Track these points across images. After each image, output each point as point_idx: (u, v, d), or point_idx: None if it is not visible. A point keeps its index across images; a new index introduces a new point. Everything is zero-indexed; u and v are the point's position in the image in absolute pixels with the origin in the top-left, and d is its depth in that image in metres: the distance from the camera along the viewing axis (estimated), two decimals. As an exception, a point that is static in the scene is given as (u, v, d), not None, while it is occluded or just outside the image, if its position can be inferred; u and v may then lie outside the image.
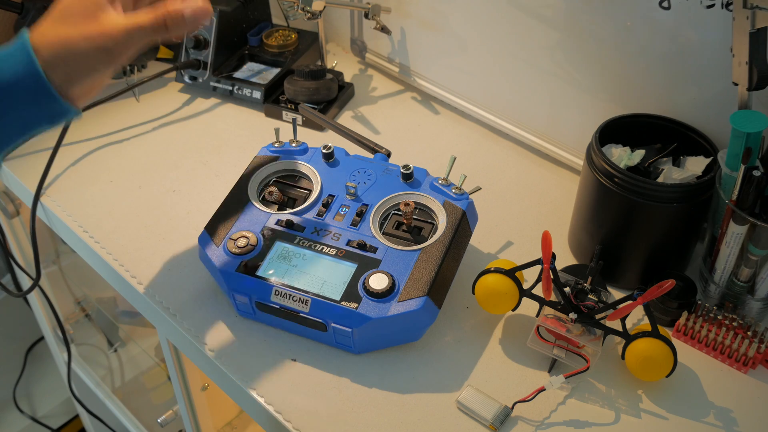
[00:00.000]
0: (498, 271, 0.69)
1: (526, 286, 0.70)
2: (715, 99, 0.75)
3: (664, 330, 0.66)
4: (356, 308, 0.66)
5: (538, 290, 0.70)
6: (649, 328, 0.65)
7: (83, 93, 0.62)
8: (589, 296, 0.69)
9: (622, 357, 0.66)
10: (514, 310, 0.71)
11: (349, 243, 0.71)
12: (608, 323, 0.67)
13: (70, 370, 1.33)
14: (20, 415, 1.81)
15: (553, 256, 0.66)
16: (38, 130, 0.61)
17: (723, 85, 0.72)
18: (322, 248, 0.71)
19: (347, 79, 1.09)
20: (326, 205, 0.75)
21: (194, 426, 1.03)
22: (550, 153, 0.93)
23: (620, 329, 0.66)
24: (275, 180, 0.79)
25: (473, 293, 0.71)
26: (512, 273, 0.69)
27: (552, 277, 0.67)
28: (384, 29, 1.01)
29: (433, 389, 0.67)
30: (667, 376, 0.65)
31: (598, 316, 0.67)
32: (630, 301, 0.64)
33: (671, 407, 0.66)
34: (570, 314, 0.67)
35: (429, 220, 0.74)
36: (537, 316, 0.69)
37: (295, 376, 0.68)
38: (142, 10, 0.60)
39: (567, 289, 0.67)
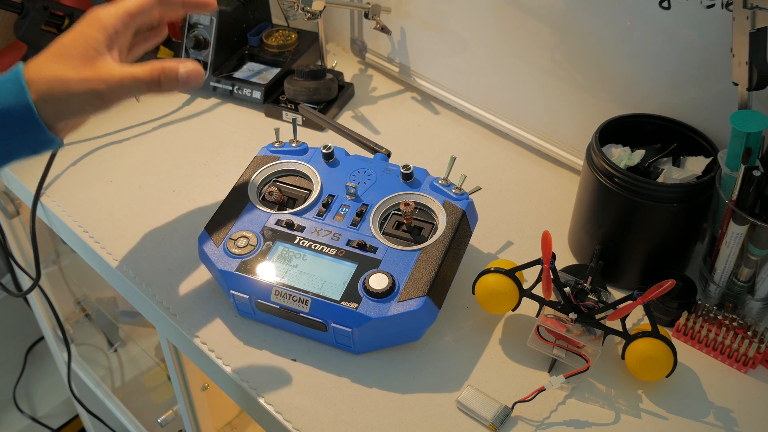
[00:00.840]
0: (498, 271, 0.69)
1: (526, 286, 0.70)
2: (715, 99, 0.75)
3: (664, 330, 0.66)
4: (356, 308, 0.66)
5: (538, 290, 0.70)
6: (649, 328, 0.65)
7: (69, 127, 0.64)
8: (589, 296, 0.69)
9: (622, 357, 0.66)
10: (514, 310, 0.71)
11: (349, 243, 0.71)
12: (608, 323, 0.67)
13: (70, 370, 1.33)
14: (20, 415, 1.81)
15: (553, 256, 0.66)
16: (20, 157, 0.62)
17: (723, 85, 0.72)
18: (322, 248, 0.71)
19: (347, 79, 1.09)
20: (326, 205, 0.75)
21: (194, 426, 1.03)
22: (550, 153, 0.93)
23: (620, 329, 0.66)
24: (275, 180, 0.79)
25: (473, 293, 0.71)
26: (512, 273, 0.69)
27: (552, 277, 0.67)
28: (384, 29, 1.01)
29: (433, 389, 0.67)
30: (667, 376, 0.65)
31: (598, 316, 0.67)
32: (630, 301, 0.64)
33: (671, 407, 0.66)
34: (570, 314, 0.67)
35: (429, 220, 0.74)
36: (537, 316, 0.69)
37: (295, 376, 0.68)
38: (139, 64, 0.62)
39: (567, 289, 0.67)
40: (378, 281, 0.67)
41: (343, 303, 0.67)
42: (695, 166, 0.73)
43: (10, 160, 0.62)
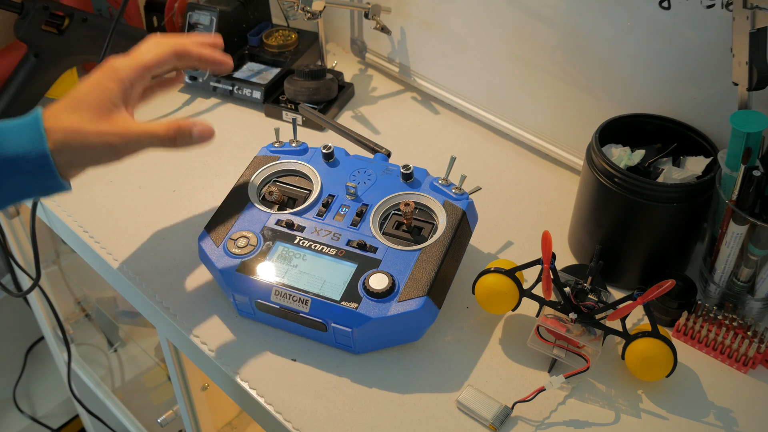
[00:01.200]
0: (498, 271, 0.69)
1: (526, 286, 0.70)
2: (715, 99, 0.75)
3: (664, 330, 0.66)
4: (356, 308, 0.66)
5: (538, 290, 0.70)
6: (649, 328, 0.65)
7: (79, 173, 0.65)
8: (589, 296, 0.69)
9: (622, 357, 0.66)
10: (514, 310, 0.71)
11: (349, 243, 0.71)
12: (608, 323, 0.67)
13: (70, 370, 1.33)
14: (20, 415, 1.81)
15: (553, 256, 0.66)
16: (28, 198, 0.64)
17: (723, 85, 0.72)
18: (322, 248, 0.71)
19: (347, 79, 1.09)
20: (326, 205, 0.75)
21: (194, 426, 1.03)
22: (550, 153, 0.93)
23: (620, 329, 0.66)
24: (275, 180, 0.79)
25: (473, 293, 0.71)
26: (512, 273, 0.69)
27: (552, 277, 0.67)
28: (384, 29, 1.01)
29: (433, 389, 0.67)
30: (667, 376, 0.65)
31: (598, 316, 0.67)
32: (630, 301, 0.64)
33: (671, 407, 0.66)
34: (570, 314, 0.67)
35: (429, 220, 0.74)
36: (537, 316, 0.69)
37: (295, 376, 0.68)
38: (156, 122, 0.65)
39: (567, 289, 0.67)
40: (378, 281, 0.67)
41: (343, 303, 0.67)
42: (695, 166, 0.73)
43: (18, 200, 0.64)
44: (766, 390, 0.68)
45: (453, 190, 0.75)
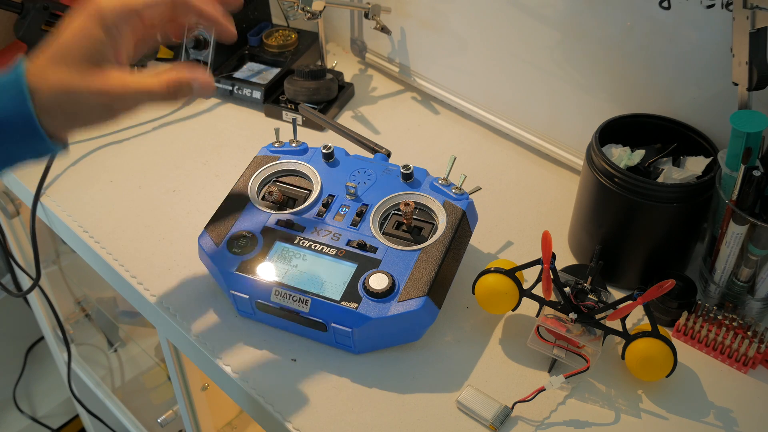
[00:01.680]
0: (498, 271, 0.69)
1: (526, 286, 0.70)
2: (715, 99, 0.75)
3: (664, 330, 0.66)
4: (356, 308, 0.66)
5: (538, 290, 0.70)
6: (649, 328, 0.65)
7: (73, 133, 0.59)
8: (589, 296, 0.69)
9: (622, 357, 0.66)
10: (514, 310, 0.71)
11: (349, 243, 0.71)
12: (608, 323, 0.67)
13: (70, 370, 1.33)
14: (20, 415, 1.81)
15: (553, 256, 0.66)
16: (23, 161, 0.58)
17: (723, 85, 0.72)
18: (322, 248, 0.71)
19: (347, 79, 1.09)
20: (326, 205, 0.75)
21: (194, 426, 1.03)
22: (550, 153, 0.93)
23: (620, 329, 0.66)
24: (275, 180, 0.79)
25: (473, 293, 0.71)
26: (512, 273, 0.69)
27: (552, 277, 0.67)
28: (384, 29, 1.01)
29: (433, 389, 0.67)
30: (667, 376, 0.65)
31: (598, 316, 0.67)
32: (630, 301, 0.64)
33: (671, 407, 0.66)
34: (570, 314, 0.67)
35: (429, 220, 0.74)
36: (537, 316, 0.69)
37: (295, 376, 0.68)
38: (151, 74, 0.58)
39: (567, 289, 0.67)
40: (378, 281, 0.67)
41: (343, 303, 0.67)
42: (695, 166, 0.73)
43: (11, 164, 0.58)
44: (766, 390, 0.68)
45: (453, 190, 0.75)
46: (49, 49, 0.56)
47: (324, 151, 0.79)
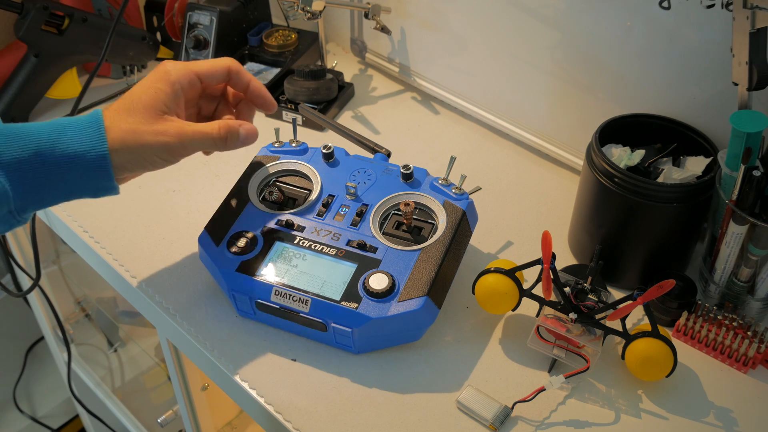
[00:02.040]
0: (498, 271, 0.69)
1: (526, 286, 0.70)
2: (715, 99, 0.75)
3: (664, 330, 0.66)
4: (356, 308, 0.66)
5: (538, 290, 0.70)
6: (649, 328, 0.65)
7: (130, 178, 0.68)
8: (589, 296, 0.69)
9: (622, 357, 0.66)
10: (514, 310, 0.71)
11: (349, 243, 0.71)
12: (608, 323, 0.67)
13: (70, 370, 1.33)
14: (20, 415, 1.81)
15: (553, 256, 0.66)
16: (79, 197, 0.65)
17: (723, 85, 0.72)
18: (322, 248, 0.71)
19: (347, 79, 1.09)
20: (326, 205, 0.75)
21: (194, 426, 1.03)
22: (550, 153, 0.93)
23: (620, 329, 0.66)
24: (275, 180, 0.79)
25: (473, 293, 0.71)
26: (512, 273, 0.69)
27: (552, 277, 0.67)
28: (384, 29, 1.01)
29: (433, 389, 0.67)
30: (667, 376, 0.65)
31: (598, 316, 0.67)
32: (630, 301, 0.64)
33: (671, 407, 0.66)
34: (570, 314, 0.67)
35: (429, 220, 0.74)
36: (537, 316, 0.69)
37: (295, 376, 0.68)
38: (207, 123, 0.67)
39: (567, 289, 0.67)
40: (378, 281, 0.67)
41: (343, 303, 0.67)
42: (695, 166, 0.73)
43: (69, 199, 0.64)
44: (766, 390, 0.68)
45: (453, 190, 0.75)
46: (120, 101, 0.66)
47: (324, 151, 0.79)
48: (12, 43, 1.01)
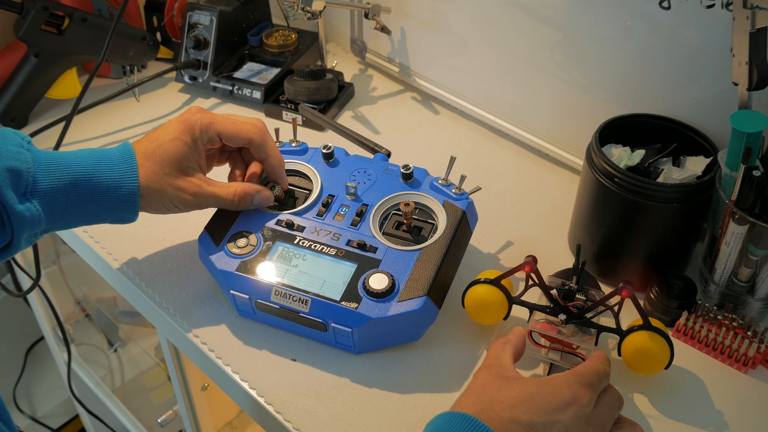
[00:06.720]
0: (485, 281, 0.69)
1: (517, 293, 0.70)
2: (715, 99, 0.75)
3: (657, 321, 0.65)
4: (356, 308, 0.66)
5: (527, 297, 0.70)
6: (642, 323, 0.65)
7: (146, 212, 0.71)
8: (577, 296, 0.68)
9: (619, 354, 0.66)
10: (505, 319, 0.70)
11: (349, 243, 0.71)
12: (603, 322, 0.67)
13: (70, 370, 1.33)
14: (20, 415, 1.81)
15: (535, 260, 0.66)
16: (98, 223, 0.69)
17: (723, 85, 0.72)
18: (322, 248, 0.71)
19: (347, 79, 1.09)
20: (326, 205, 0.75)
21: (194, 426, 1.03)
22: (550, 153, 0.93)
23: (614, 327, 0.66)
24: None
25: (463, 306, 0.71)
26: (498, 282, 0.69)
27: (537, 281, 0.67)
28: (384, 29, 1.01)
29: (433, 389, 0.67)
30: (666, 368, 0.65)
31: (588, 315, 0.67)
32: (616, 295, 0.63)
33: (671, 407, 0.66)
34: (559, 315, 0.67)
35: (429, 220, 0.74)
36: (528, 322, 0.69)
37: (295, 376, 0.68)
38: (225, 185, 0.72)
39: (553, 292, 0.67)
40: (378, 281, 0.67)
41: (343, 303, 0.67)
42: (695, 166, 0.73)
43: (92, 223, 0.69)
44: (766, 390, 0.68)
45: (453, 190, 0.75)
46: (148, 142, 0.70)
47: (324, 151, 0.79)
48: (12, 43, 1.01)
